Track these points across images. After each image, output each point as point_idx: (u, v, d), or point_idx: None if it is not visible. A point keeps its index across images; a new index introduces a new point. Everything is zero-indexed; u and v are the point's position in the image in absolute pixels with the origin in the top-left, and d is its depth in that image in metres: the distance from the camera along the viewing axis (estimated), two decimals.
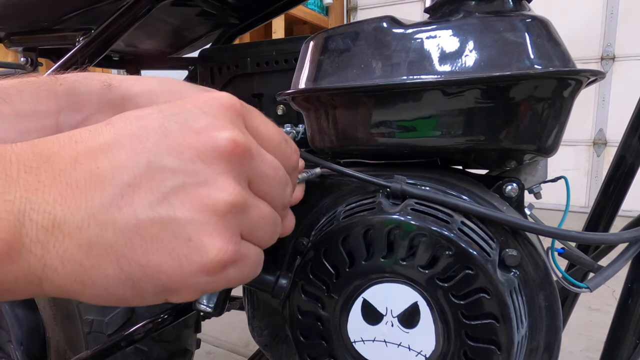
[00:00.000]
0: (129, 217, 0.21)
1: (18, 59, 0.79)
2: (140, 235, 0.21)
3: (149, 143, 0.22)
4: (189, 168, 0.22)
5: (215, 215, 0.22)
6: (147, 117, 0.23)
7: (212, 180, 0.22)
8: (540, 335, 0.35)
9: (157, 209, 0.21)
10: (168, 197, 0.21)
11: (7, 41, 0.76)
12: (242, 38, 0.90)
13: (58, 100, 0.34)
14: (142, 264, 0.21)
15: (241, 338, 1.56)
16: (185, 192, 0.22)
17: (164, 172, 0.22)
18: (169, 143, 0.22)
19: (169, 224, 0.21)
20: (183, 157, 0.22)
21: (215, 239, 0.22)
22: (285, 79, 0.51)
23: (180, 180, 0.22)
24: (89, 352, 0.66)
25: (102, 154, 0.21)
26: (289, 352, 0.44)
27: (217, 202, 0.22)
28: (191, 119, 0.23)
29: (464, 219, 0.34)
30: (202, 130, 0.23)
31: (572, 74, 0.33)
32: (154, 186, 0.21)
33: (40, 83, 0.33)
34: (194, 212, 0.22)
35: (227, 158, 0.23)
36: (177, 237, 0.21)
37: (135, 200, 0.21)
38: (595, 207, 0.56)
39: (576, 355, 1.43)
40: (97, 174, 0.21)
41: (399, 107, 0.36)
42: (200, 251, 0.22)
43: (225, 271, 0.23)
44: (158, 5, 0.62)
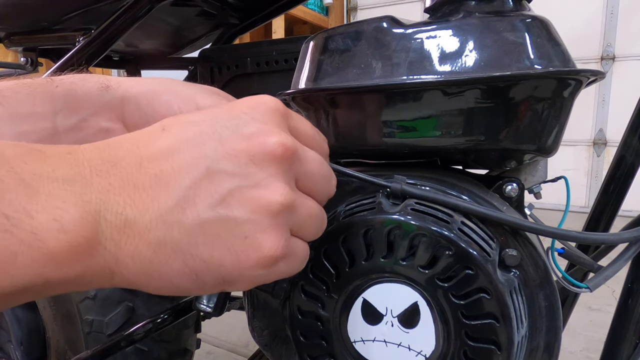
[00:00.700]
0: (193, 217, 0.23)
1: (18, 59, 0.79)
2: (202, 234, 0.23)
3: (205, 149, 0.24)
4: (243, 171, 0.24)
5: (268, 215, 0.24)
6: (201, 124, 0.25)
7: (264, 183, 0.24)
8: (540, 335, 0.35)
9: (216, 210, 0.23)
10: (226, 198, 0.23)
11: (7, 41, 0.76)
12: (242, 38, 0.90)
13: (54, 102, 0.34)
14: (205, 259, 0.23)
15: (241, 338, 1.56)
16: (241, 194, 0.24)
17: (221, 176, 0.23)
18: (224, 149, 0.24)
19: (227, 223, 0.23)
20: (238, 161, 0.24)
21: (269, 236, 0.24)
22: (285, 79, 0.51)
23: (236, 182, 0.24)
24: (89, 352, 0.66)
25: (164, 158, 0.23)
26: (289, 352, 0.44)
27: (270, 202, 0.24)
28: (242, 124, 0.25)
29: (464, 219, 0.34)
30: (254, 136, 0.25)
31: (572, 74, 0.33)
32: (213, 189, 0.23)
33: (37, 85, 0.33)
34: (250, 212, 0.24)
35: (278, 161, 0.24)
36: (235, 235, 0.23)
37: (197, 202, 0.23)
38: (595, 207, 0.56)
39: (576, 355, 1.43)
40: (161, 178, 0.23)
41: (399, 107, 0.36)
42: (255, 247, 0.24)
43: (277, 265, 0.25)
44: (158, 5, 0.62)
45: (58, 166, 0.21)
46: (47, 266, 0.19)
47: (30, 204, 0.19)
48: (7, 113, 0.32)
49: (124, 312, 0.80)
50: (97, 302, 0.79)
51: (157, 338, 0.84)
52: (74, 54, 0.64)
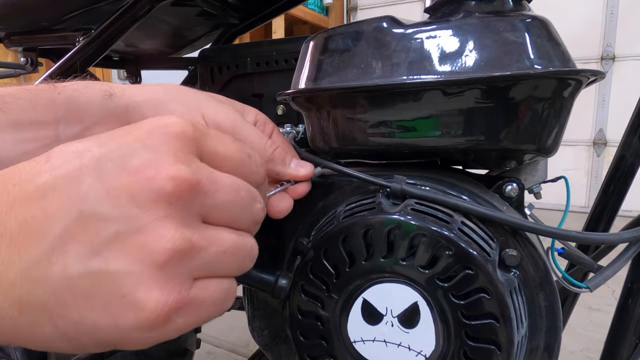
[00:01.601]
0: (59, 272, 0.20)
1: (18, 59, 0.79)
2: (71, 293, 0.20)
3: (83, 187, 0.20)
4: (122, 215, 0.20)
5: (152, 266, 0.20)
6: (85, 155, 0.21)
7: (149, 227, 0.20)
8: (540, 335, 0.35)
9: (87, 263, 0.20)
10: (100, 249, 0.20)
11: (7, 41, 0.76)
12: (242, 38, 0.90)
13: (57, 109, 0.32)
14: (76, 321, 0.20)
15: (241, 338, 1.56)
16: (119, 242, 0.20)
17: (96, 221, 0.20)
18: (103, 187, 0.21)
19: (100, 279, 0.20)
20: (117, 202, 0.20)
21: (152, 293, 0.20)
22: (285, 79, 0.51)
23: (114, 229, 0.20)
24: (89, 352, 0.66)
25: (37, 201, 0.20)
26: (289, 352, 0.44)
27: (154, 251, 0.20)
28: (129, 155, 0.21)
29: (464, 219, 0.34)
30: (139, 170, 0.21)
31: (572, 74, 0.33)
32: (86, 237, 0.20)
33: (38, 91, 0.32)
34: (129, 264, 0.20)
35: (167, 200, 0.21)
36: (110, 293, 0.20)
37: (67, 254, 0.20)
38: (595, 207, 0.56)
39: (576, 355, 1.43)
40: (30, 225, 0.20)
41: (399, 107, 0.36)
42: (135, 307, 0.20)
43: (170, 323, 0.21)
44: (158, 5, 0.62)
45: None
46: None
47: None
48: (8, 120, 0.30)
49: None
50: None
51: None
52: (74, 54, 0.64)
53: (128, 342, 0.21)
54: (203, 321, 0.23)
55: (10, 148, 0.31)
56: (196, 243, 0.22)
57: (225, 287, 0.24)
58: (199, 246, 0.22)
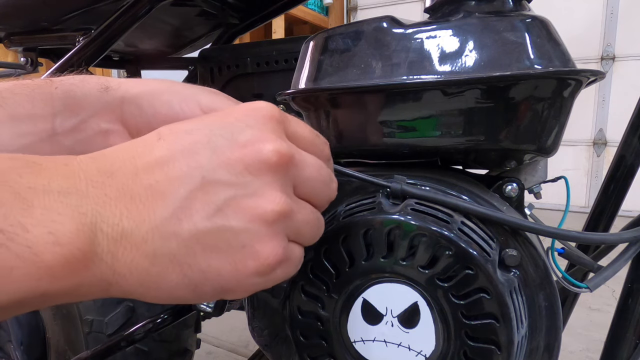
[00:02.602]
0: (189, 228, 0.23)
1: (18, 59, 0.79)
2: (200, 244, 0.23)
3: (200, 158, 0.24)
4: (239, 180, 0.24)
5: (264, 224, 0.24)
6: (196, 132, 0.25)
7: (260, 191, 0.24)
8: (540, 335, 0.35)
9: (213, 220, 0.23)
10: (222, 208, 0.23)
11: (7, 41, 0.76)
12: (242, 38, 0.90)
13: (54, 103, 0.33)
14: (203, 269, 0.23)
15: (241, 338, 1.56)
16: (237, 203, 0.24)
17: (216, 185, 0.23)
18: (219, 158, 0.24)
19: (224, 233, 0.23)
20: (233, 170, 0.24)
21: (266, 245, 0.24)
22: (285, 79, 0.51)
23: (232, 192, 0.23)
24: (89, 352, 0.66)
25: (159, 168, 0.23)
26: (289, 352, 0.44)
27: (266, 211, 0.24)
28: (237, 132, 0.25)
29: (464, 219, 0.34)
30: (248, 144, 0.24)
31: (572, 74, 0.33)
32: (209, 199, 0.23)
33: (36, 86, 0.33)
34: (246, 221, 0.24)
35: (273, 169, 0.24)
36: (232, 244, 0.23)
37: (194, 213, 0.23)
38: (595, 207, 0.56)
39: (576, 355, 1.43)
40: (156, 188, 0.23)
41: (399, 107, 0.36)
42: (253, 256, 0.24)
43: (274, 272, 0.25)
44: (158, 5, 0.62)
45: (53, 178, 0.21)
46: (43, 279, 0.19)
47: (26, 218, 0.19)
48: (6, 114, 0.31)
49: (124, 312, 0.80)
50: (97, 302, 0.79)
51: (157, 338, 0.84)
52: (74, 54, 0.64)
53: (242, 287, 0.25)
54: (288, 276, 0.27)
55: (8, 142, 0.31)
56: (293, 208, 0.25)
57: (301, 252, 0.28)
58: (294, 211, 0.25)
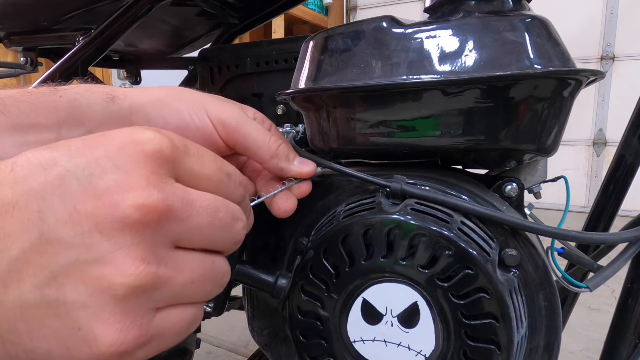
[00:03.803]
0: (14, 298, 0.19)
1: (18, 59, 0.79)
2: (25, 320, 0.19)
3: (45, 207, 0.19)
4: (84, 242, 0.19)
5: (112, 300, 0.19)
6: (53, 169, 0.20)
7: (110, 257, 0.19)
8: (540, 335, 0.35)
9: (44, 291, 0.19)
10: (58, 276, 0.19)
11: (7, 41, 0.76)
12: (242, 38, 0.90)
13: (59, 113, 0.32)
14: (27, 350, 0.19)
15: (241, 338, 1.56)
16: (78, 271, 0.19)
17: (56, 246, 0.19)
18: (67, 209, 0.19)
19: (56, 309, 0.19)
20: (80, 228, 0.19)
21: (110, 328, 0.19)
22: (285, 79, 0.51)
23: (74, 256, 0.19)
24: None
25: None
26: (289, 352, 0.44)
27: (114, 284, 0.19)
28: (97, 175, 0.20)
29: (464, 219, 0.34)
30: (105, 193, 0.20)
31: (572, 74, 0.33)
32: (44, 263, 0.19)
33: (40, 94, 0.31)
34: (87, 296, 0.19)
35: (134, 228, 0.20)
36: (65, 325, 0.19)
37: (23, 279, 0.19)
38: (595, 207, 0.56)
39: (576, 355, 1.43)
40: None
41: (399, 107, 0.36)
42: (90, 343, 0.19)
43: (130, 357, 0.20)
44: (158, 5, 0.62)
45: None
46: None
47: None
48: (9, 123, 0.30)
49: None
50: None
51: None
52: (74, 54, 0.64)
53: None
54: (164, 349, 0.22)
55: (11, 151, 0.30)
56: (162, 275, 0.21)
57: (191, 314, 0.23)
58: (165, 278, 0.21)
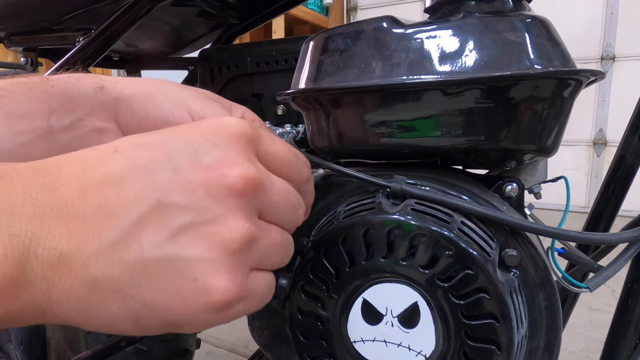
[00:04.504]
0: (136, 255, 0.21)
1: (18, 59, 0.79)
2: (146, 274, 0.21)
3: (158, 178, 0.22)
4: (198, 205, 0.22)
5: (223, 254, 0.22)
6: (156, 148, 0.23)
7: (221, 218, 0.22)
8: (540, 335, 0.35)
9: (164, 248, 0.21)
10: (176, 235, 0.21)
11: (7, 41, 0.76)
12: (242, 38, 0.90)
13: (50, 101, 0.33)
14: (147, 302, 0.21)
15: (241, 338, 1.56)
16: (194, 230, 0.22)
17: (172, 210, 0.21)
18: (179, 179, 0.22)
19: (175, 263, 0.21)
20: (193, 194, 0.22)
21: (222, 278, 0.22)
22: (285, 79, 0.51)
23: (189, 218, 0.22)
24: (89, 352, 0.66)
25: (111, 186, 0.21)
26: (289, 352, 0.44)
27: (226, 240, 0.22)
28: (201, 152, 0.23)
29: (464, 219, 0.34)
30: (212, 166, 0.23)
31: (572, 74, 0.33)
32: (163, 224, 0.21)
33: (32, 84, 0.33)
34: (203, 250, 0.22)
35: (238, 194, 0.23)
36: (183, 277, 0.21)
37: (143, 238, 0.21)
38: (595, 207, 0.56)
39: (576, 355, 1.43)
40: (105, 208, 0.20)
41: (399, 107, 0.36)
42: (206, 291, 0.22)
43: (231, 308, 0.23)
44: (158, 5, 0.62)
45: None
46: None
47: None
48: (2, 113, 0.31)
49: None
50: None
51: (157, 338, 0.84)
52: (74, 54, 0.64)
53: (192, 323, 0.22)
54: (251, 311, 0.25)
55: (4, 140, 0.31)
56: (257, 235, 0.23)
57: (270, 280, 0.26)
58: (258, 237, 0.24)
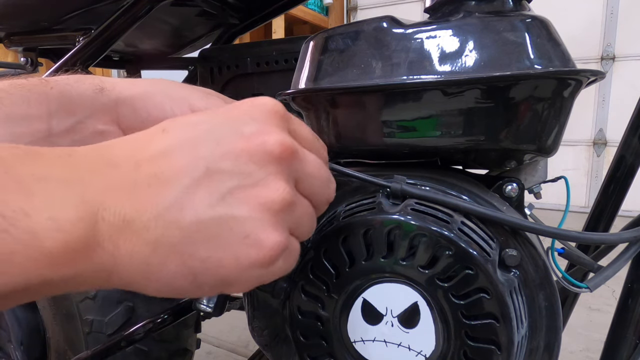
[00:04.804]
0: (191, 216, 0.22)
1: (18, 59, 0.79)
2: (201, 233, 0.23)
3: (204, 149, 0.24)
4: (243, 170, 0.24)
5: (268, 213, 0.24)
6: (200, 125, 0.25)
7: (265, 181, 0.24)
8: (540, 335, 0.35)
9: (216, 208, 0.23)
10: (226, 197, 0.23)
11: (7, 41, 0.76)
12: (242, 38, 0.90)
13: (49, 103, 0.33)
14: (203, 259, 0.23)
15: (241, 338, 1.56)
16: (241, 192, 0.24)
17: (221, 175, 0.23)
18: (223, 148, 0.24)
19: (227, 222, 0.23)
20: (237, 160, 0.24)
21: (270, 234, 0.24)
22: (285, 79, 0.51)
23: (236, 181, 0.24)
24: (89, 352, 0.66)
25: (163, 159, 0.23)
26: (289, 352, 0.44)
27: (270, 200, 0.24)
28: (241, 125, 0.25)
29: (464, 219, 0.34)
30: (253, 135, 0.25)
31: (572, 74, 0.33)
32: (213, 188, 0.23)
33: (31, 86, 0.33)
34: (250, 210, 0.24)
35: (277, 160, 0.25)
36: (235, 234, 0.23)
37: (196, 201, 0.23)
38: (595, 207, 0.56)
39: (576, 355, 1.43)
40: (160, 177, 0.23)
41: (399, 107, 0.36)
42: (256, 245, 0.24)
43: (276, 263, 0.25)
44: (158, 5, 0.62)
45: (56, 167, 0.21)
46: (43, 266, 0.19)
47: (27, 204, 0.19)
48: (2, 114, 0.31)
49: (124, 312, 0.80)
50: (97, 302, 0.79)
51: (157, 338, 0.84)
52: (74, 54, 0.64)
53: (243, 279, 0.24)
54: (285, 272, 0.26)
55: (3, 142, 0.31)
56: (294, 199, 0.25)
57: (297, 245, 0.27)
58: (296, 203, 0.26)
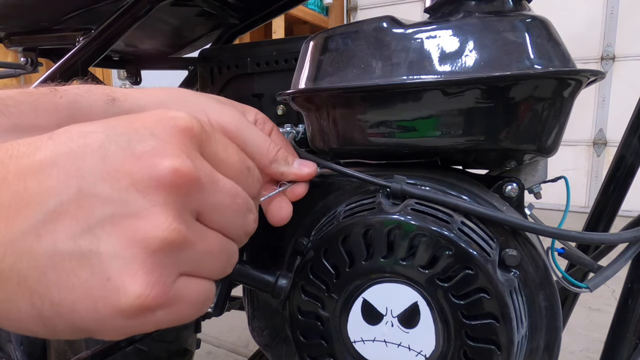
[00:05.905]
0: (47, 248, 0.19)
1: (18, 59, 0.79)
2: (55, 270, 0.19)
3: (84, 165, 0.20)
4: (122, 197, 0.20)
5: (143, 252, 0.20)
6: (90, 135, 0.21)
7: (145, 213, 0.20)
8: (540, 335, 0.35)
9: (78, 241, 0.19)
10: (94, 228, 0.20)
11: (7, 41, 0.76)
12: (242, 38, 0.90)
13: (59, 114, 0.32)
14: (54, 302, 0.19)
15: (241, 338, 1.56)
16: (114, 224, 0.20)
17: (94, 200, 0.20)
18: (105, 167, 0.20)
19: (89, 259, 0.19)
20: (118, 184, 0.20)
21: (138, 280, 0.20)
22: (285, 79, 0.51)
23: (110, 209, 0.20)
24: (89, 352, 0.66)
25: (34, 174, 0.20)
26: (289, 352, 0.44)
27: (149, 236, 0.20)
28: (135, 141, 0.21)
29: (464, 219, 0.34)
30: (143, 155, 0.21)
31: (572, 74, 0.33)
32: (81, 214, 0.20)
33: (40, 95, 0.32)
34: (120, 247, 0.20)
35: (167, 188, 0.21)
36: (95, 275, 0.19)
37: (57, 229, 0.19)
38: (595, 207, 0.56)
39: (576, 355, 1.43)
40: (23, 197, 0.19)
41: (399, 107, 0.36)
42: (118, 293, 0.20)
43: (151, 315, 0.21)
44: (158, 5, 0.62)
45: None
46: None
47: None
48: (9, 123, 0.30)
49: None
50: None
51: (157, 338, 0.84)
52: (74, 54, 0.64)
53: (104, 329, 0.21)
54: (180, 320, 0.23)
55: None
56: (188, 237, 0.21)
57: (206, 288, 0.24)
58: (190, 240, 0.22)
